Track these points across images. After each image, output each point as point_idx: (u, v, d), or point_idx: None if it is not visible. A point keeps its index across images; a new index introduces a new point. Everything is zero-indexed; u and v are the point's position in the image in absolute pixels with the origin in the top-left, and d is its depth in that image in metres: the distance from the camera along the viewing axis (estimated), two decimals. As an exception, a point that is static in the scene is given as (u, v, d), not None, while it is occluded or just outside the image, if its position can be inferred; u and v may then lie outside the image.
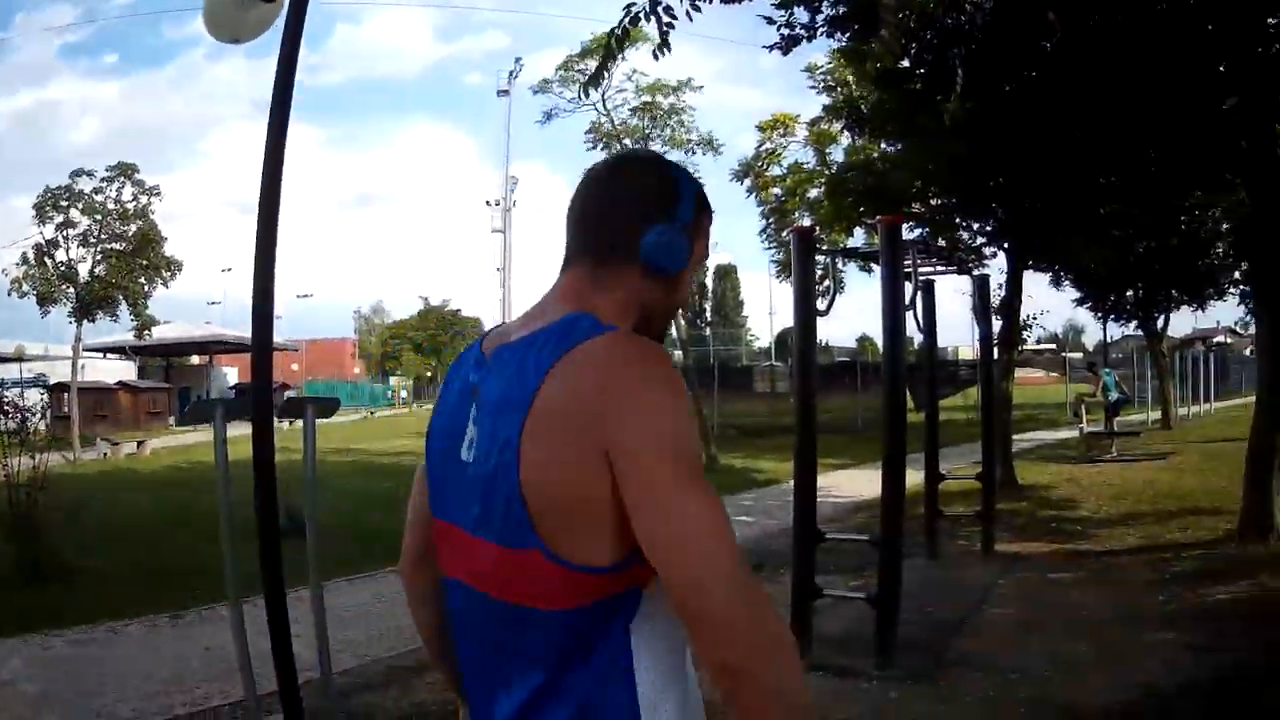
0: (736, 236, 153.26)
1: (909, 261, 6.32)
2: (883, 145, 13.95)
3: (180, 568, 7.94)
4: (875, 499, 6.67)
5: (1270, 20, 8.05)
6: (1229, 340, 66.15)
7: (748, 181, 20.62)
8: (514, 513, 1.22)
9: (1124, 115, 8.52)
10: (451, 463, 1.35)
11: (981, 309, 8.83)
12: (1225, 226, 18.35)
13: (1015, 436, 14.90)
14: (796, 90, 48.65)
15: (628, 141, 18.64)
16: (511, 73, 36.31)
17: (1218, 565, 7.76)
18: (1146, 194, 11.39)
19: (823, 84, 14.68)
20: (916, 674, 5.11)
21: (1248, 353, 60.91)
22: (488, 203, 42.09)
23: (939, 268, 8.24)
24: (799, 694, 1.17)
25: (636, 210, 1.37)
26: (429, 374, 68.19)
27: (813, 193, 17.04)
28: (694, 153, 19.07)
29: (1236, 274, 22.14)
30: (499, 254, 41.38)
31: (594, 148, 19.22)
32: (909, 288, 6.72)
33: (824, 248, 11.91)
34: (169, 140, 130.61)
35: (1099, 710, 4.69)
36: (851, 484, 13.04)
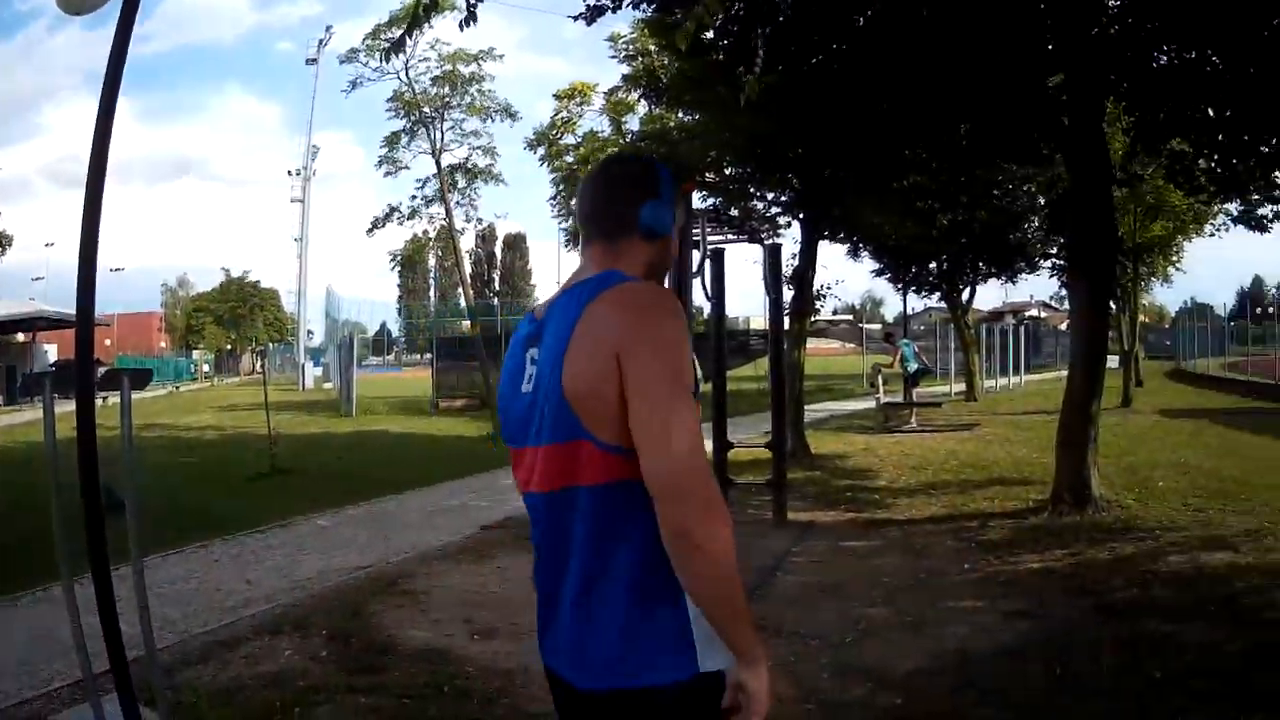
0: (528, 206, 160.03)
1: (698, 229, 7.10)
2: (679, 115, 14.92)
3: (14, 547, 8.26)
4: None
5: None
6: (1042, 314, 71.61)
7: (541, 150, 21.56)
8: (563, 413, 1.86)
9: (937, 89, 9.25)
10: (516, 399, 2.03)
11: (772, 278, 9.48)
12: (1041, 201, 20.06)
13: (811, 407, 15.73)
14: (598, 59, 49.68)
15: (427, 109, 19.67)
16: (321, 41, 36.22)
17: (1028, 534, 8.51)
18: (955, 167, 12.38)
19: (624, 53, 15.47)
20: None
21: (1063, 326, 66.06)
22: (289, 172, 42.07)
23: (729, 236, 9.15)
24: (730, 564, 1.79)
25: (631, 195, 2.07)
26: (229, 346, 69.36)
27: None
28: (491, 120, 20.10)
29: (1053, 248, 24.09)
30: (298, 223, 41.61)
31: (395, 115, 20.17)
32: (697, 256, 7.57)
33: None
34: (6, 113, 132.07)
35: (906, 673, 5.14)
36: None
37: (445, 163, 20.17)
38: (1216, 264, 50.30)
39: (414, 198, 21.20)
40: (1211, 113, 9.98)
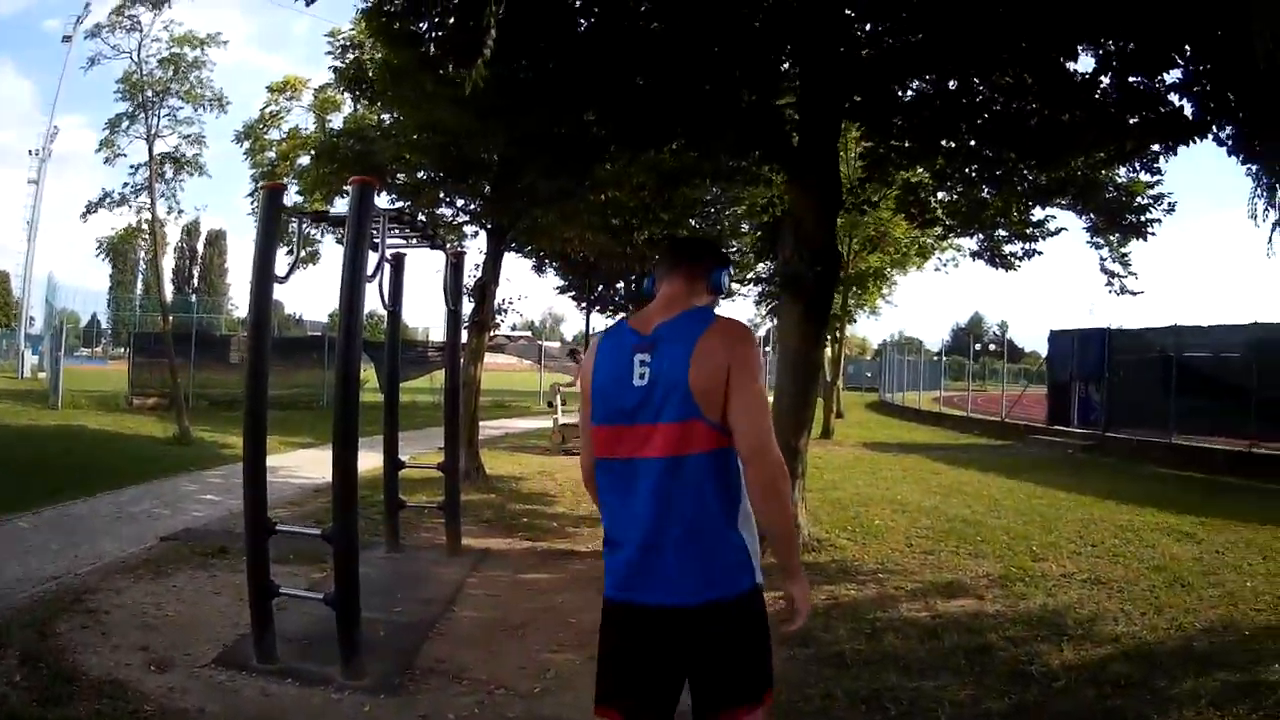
0: (230, 201, 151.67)
1: (378, 230, 6.48)
2: (379, 115, 14.23)
3: None
4: None
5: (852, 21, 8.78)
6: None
7: (247, 144, 20.62)
8: (687, 401, 2.74)
9: (655, 102, 8.84)
10: (626, 389, 2.84)
11: (453, 288, 8.98)
12: (745, 226, 19.95)
13: (486, 424, 15.30)
14: (318, 58, 48.33)
15: (150, 93, 18.76)
16: (78, 18, 34.37)
17: None
18: (661, 183, 12.19)
19: (340, 48, 14.84)
20: (387, 684, 5.05)
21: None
22: (30, 152, 43.86)
23: (411, 240, 8.49)
24: (790, 506, 2.94)
25: (711, 261, 3.15)
26: (-45, 336, 63.56)
27: (304, 159, 17.23)
28: (204, 109, 19.27)
29: (760, 266, 24.53)
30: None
31: (123, 98, 19.05)
32: (374, 259, 6.90)
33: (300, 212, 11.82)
34: None
35: None
36: (315, 465, 13.10)
37: (157, 150, 19.09)
38: (930, 300, 53.70)
39: (125, 185, 19.93)
40: (955, 145, 10.07)
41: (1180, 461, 19.06)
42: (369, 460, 6.10)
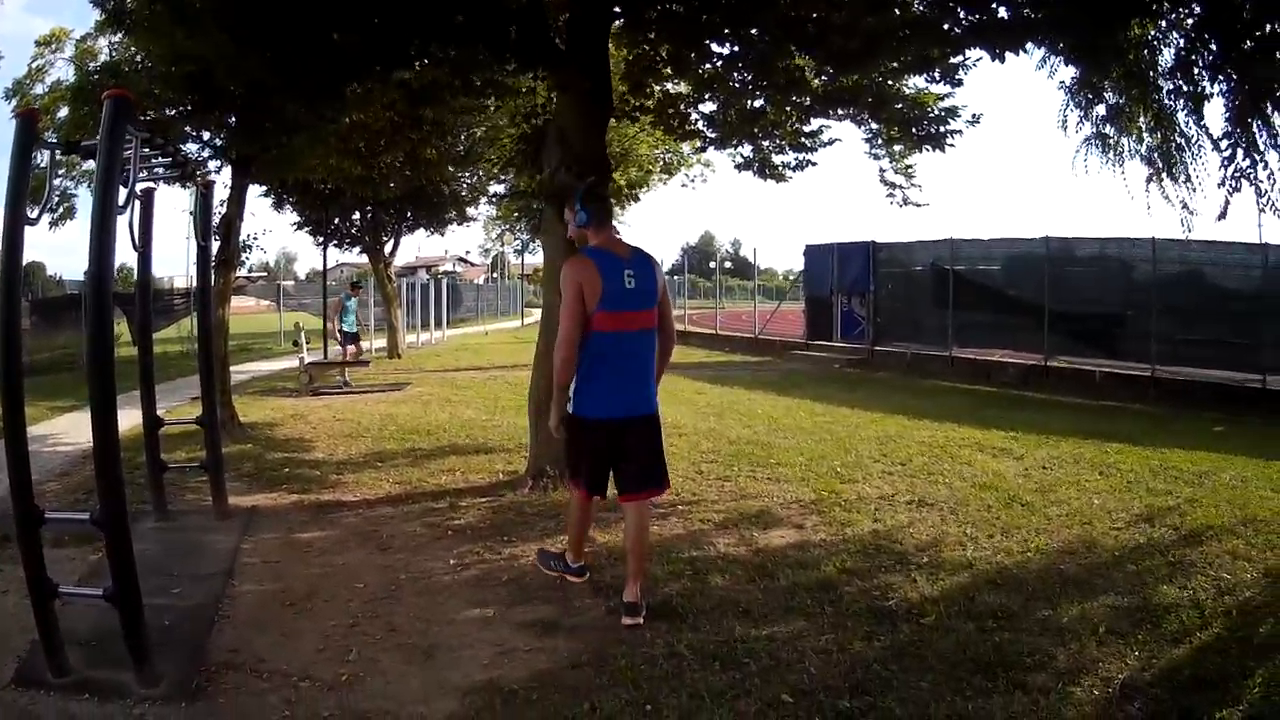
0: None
1: (129, 159, 5.72)
2: (135, 54, 13.11)
3: None
4: None
5: None
6: (458, 269, 73.58)
7: (15, 101, 19.01)
8: (654, 297, 5.54)
9: (409, 11, 8.35)
10: (624, 289, 5.40)
11: (203, 221, 8.21)
12: (515, 135, 19.58)
13: (232, 369, 14.70)
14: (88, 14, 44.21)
15: None
16: None
17: (511, 516, 7.75)
18: (412, 100, 11.72)
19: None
20: (184, 688, 4.50)
21: (479, 280, 68.46)
22: None
23: (159, 171, 7.63)
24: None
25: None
26: None
27: (64, 111, 15.79)
28: None
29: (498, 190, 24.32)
30: None
31: None
32: (123, 193, 6.11)
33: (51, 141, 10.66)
34: None
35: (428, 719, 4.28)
36: (78, 429, 11.79)
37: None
38: (657, 220, 54.26)
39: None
40: (737, 49, 9.87)
41: (962, 375, 20.09)
42: (127, 419, 5.38)
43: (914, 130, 11.36)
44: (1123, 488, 8.91)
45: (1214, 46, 7.58)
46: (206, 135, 12.60)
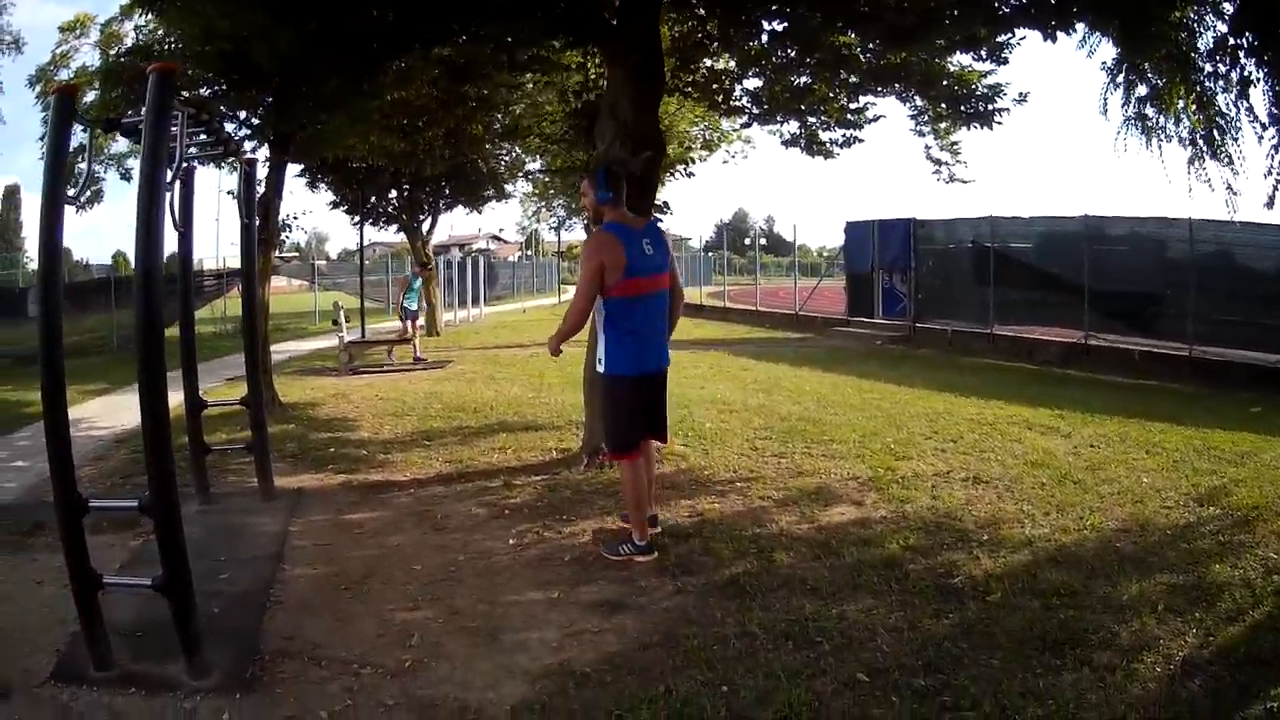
0: (23, 155, 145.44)
1: (176, 134, 5.54)
2: (166, 35, 13.05)
3: None
4: (138, 428, 5.43)
5: None
6: (491, 246, 73.65)
7: (39, 88, 19.09)
8: (667, 262, 6.19)
9: None
10: (644, 255, 5.98)
11: (247, 198, 8.08)
12: (566, 110, 19.48)
13: (272, 348, 14.70)
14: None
15: None
16: None
17: (569, 495, 7.62)
18: (454, 77, 11.60)
19: None
20: (239, 679, 4.32)
21: (512, 258, 68.58)
22: None
23: (206, 147, 7.44)
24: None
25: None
26: None
27: (90, 96, 15.85)
28: (2, 53, 19.11)
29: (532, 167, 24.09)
30: None
31: None
32: (168, 174, 5.93)
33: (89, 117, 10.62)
34: None
35: (511, 709, 4.08)
36: (111, 413, 12.03)
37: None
38: (689, 196, 54.55)
39: (-83, 134, 18.35)
40: (787, 25, 9.76)
41: (1003, 353, 19.84)
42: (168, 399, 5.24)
43: (962, 108, 11.22)
44: (1169, 467, 8.74)
45: (1253, 33, 7.40)
46: (243, 115, 12.47)
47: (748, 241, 73.82)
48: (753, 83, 12.35)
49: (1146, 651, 4.57)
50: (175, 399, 7.09)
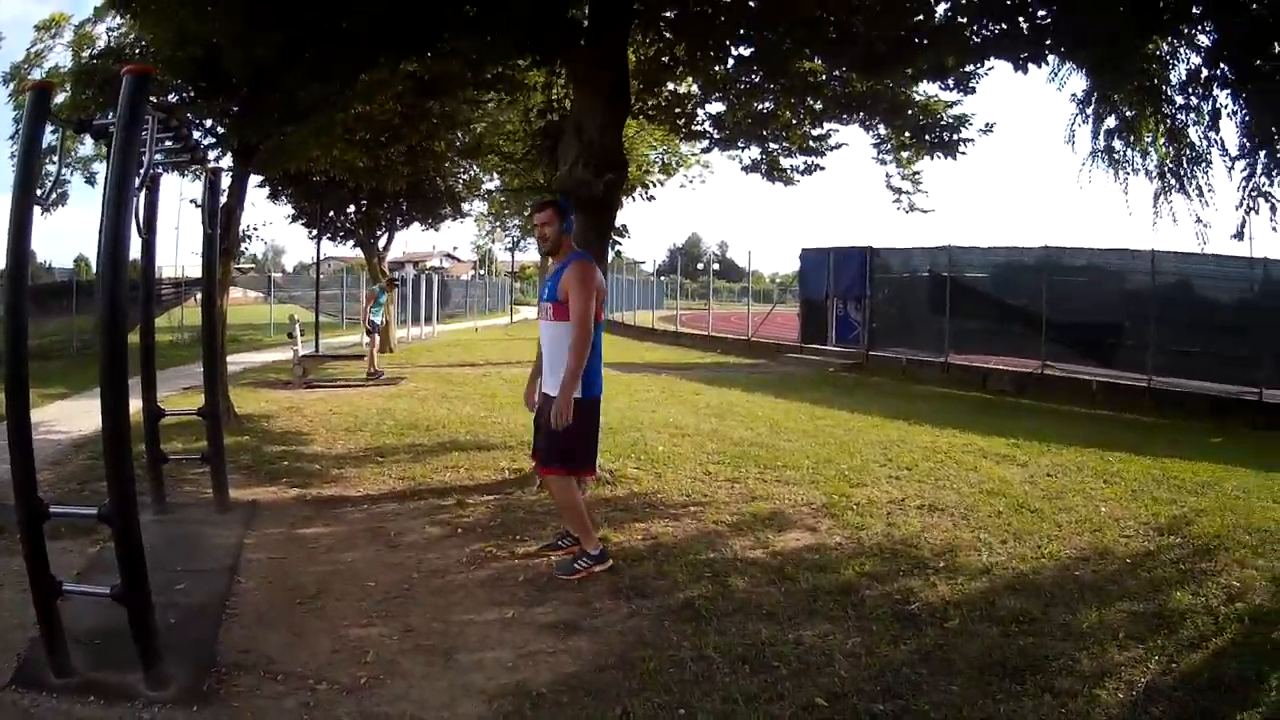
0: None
1: (146, 137, 5.49)
2: (138, 38, 12.95)
3: None
4: (96, 434, 5.29)
5: None
6: (445, 264, 73.40)
7: (12, 86, 18.68)
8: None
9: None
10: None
11: (211, 207, 7.97)
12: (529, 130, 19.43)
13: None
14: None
15: None
16: None
17: (521, 515, 7.63)
18: (420, 93, 11.55)
19: None
20: (195, 691, 4.29)
21: (465, 277, 68.37)
22: None
23: (171, 153, 7.37)
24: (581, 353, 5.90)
25: None
26: None
27: (61, 97, 15.67)
28: None
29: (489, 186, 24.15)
30: None
31: None
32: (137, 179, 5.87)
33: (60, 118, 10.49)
34: None
35: None
36: (70, 418, 11.88)
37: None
38: (641, 220, 54.40)
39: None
40: (752, 50, 9.85)
41: (957, 382, 20.01)
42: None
43: (927, 137, 11.34)
44: (1128, 496, 8.86)
45: (1228, 65, 7.57)
46: (209, 123, 12.41)
47: (700, 266, 74.13)
48: (716, 107, 12.48)
49: (1108, 678, 4.62)
50: (133, 406, 7.08)
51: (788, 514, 7.87)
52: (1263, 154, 7.56)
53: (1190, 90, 8.03)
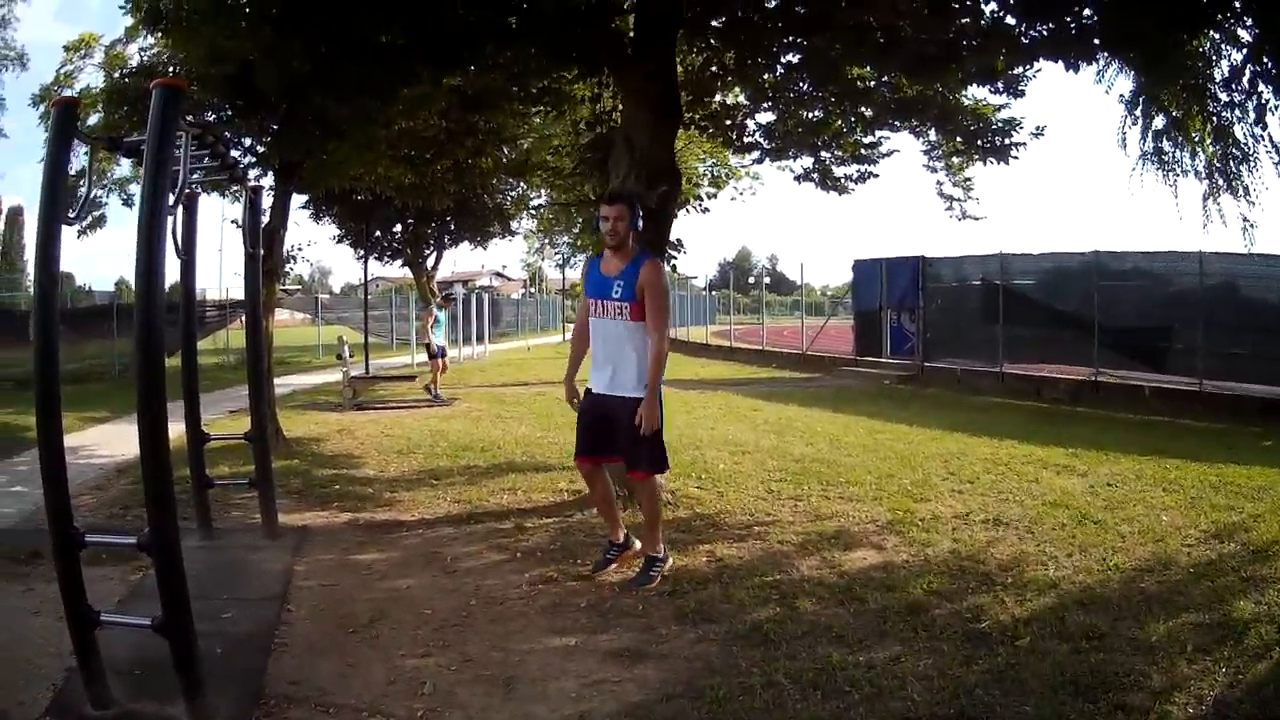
0: (27, 177, 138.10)
1: (179, 154, 5.33)
2: (169, 57, 12.99)
3: None
4: (137, 458, 5.14)
5: None
6: (495, 283, 73.66)
7: (43, 108, 19.09)
8: None
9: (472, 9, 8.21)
10: None
11: (252, 226, 7.92)
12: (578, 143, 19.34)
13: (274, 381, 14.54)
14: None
15: None
16: None
17: (581, 538, 7.42)
18: (465, 107, 11.45)
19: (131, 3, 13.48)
20: None
21: (515, 295, 68.60)
22: None
23: (211, 169, 7.20)
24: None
25: None
26: None
27: (94, 119, 15.76)
28: (6, 69, 17.99)
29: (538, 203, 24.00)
30: None
31: None
32: (170, 197, 5.72)
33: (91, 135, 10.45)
34: None
35: None
36: (111, 441, 11.81)
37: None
38: (690, 234, 54.41)
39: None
40: (802, 56, 9.78)
41: (1012, 391, 19.70)
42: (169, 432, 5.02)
43: (978, 142, 11.12)
44: (1187, 504, 8.65)
45: (1270, 59, 7.48)
46: (248, 141, 12.34)
47: (751, 280, 73.84)
48: (766, 117, 12.36)
49: (1178, 692, 4.49)
50: (176, 430, 6.92)
51: (853, 532, 7.66)
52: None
53: (1234, 86, 7.97)
